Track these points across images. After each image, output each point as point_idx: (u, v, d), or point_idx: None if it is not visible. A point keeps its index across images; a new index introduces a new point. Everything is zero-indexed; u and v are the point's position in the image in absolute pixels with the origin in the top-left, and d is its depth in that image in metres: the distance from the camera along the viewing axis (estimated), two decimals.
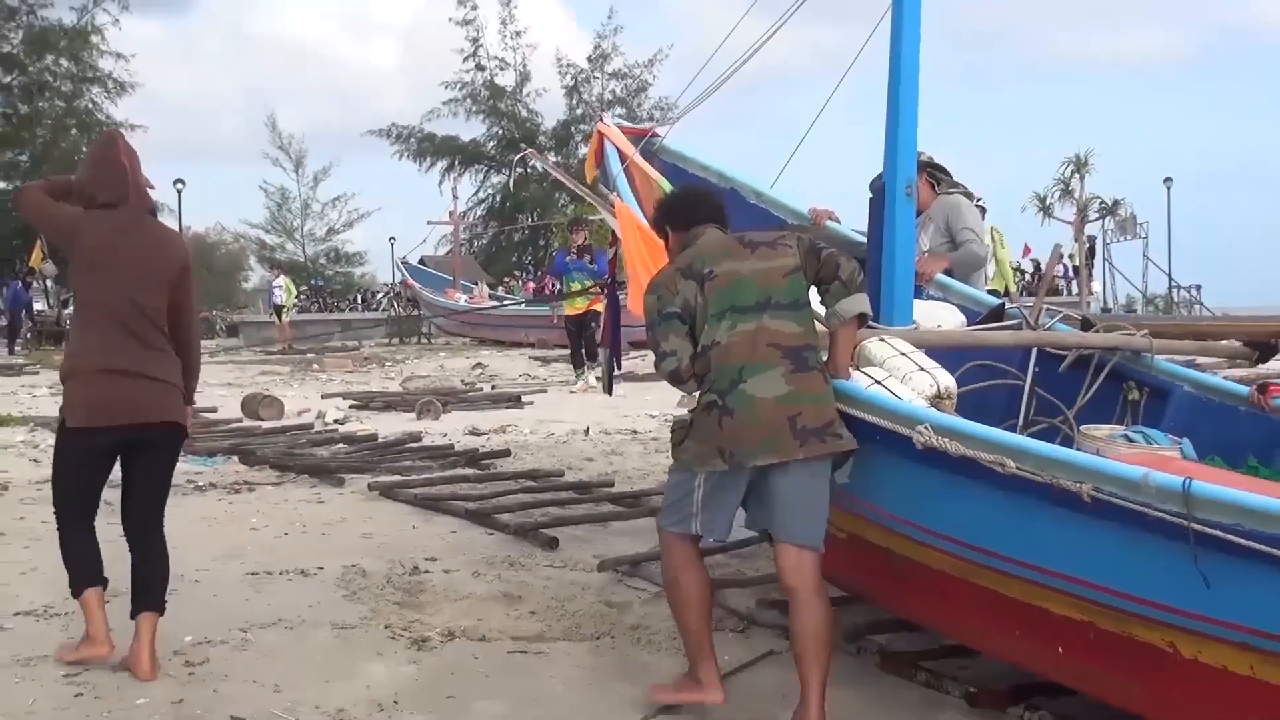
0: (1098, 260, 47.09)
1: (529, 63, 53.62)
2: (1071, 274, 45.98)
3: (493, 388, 19.23)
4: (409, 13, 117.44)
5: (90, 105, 51.10)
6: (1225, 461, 5.54)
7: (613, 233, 7.83)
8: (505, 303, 34.97)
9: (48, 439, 12.71)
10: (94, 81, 50.45)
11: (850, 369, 5.24)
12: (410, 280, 41.34)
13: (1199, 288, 48.83)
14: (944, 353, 6.07)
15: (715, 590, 5.46)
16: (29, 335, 35.41)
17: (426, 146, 54.62)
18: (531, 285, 44.30)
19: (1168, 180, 53.47)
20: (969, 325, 6.48)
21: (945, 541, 4.89)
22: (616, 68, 53.22)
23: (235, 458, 11.54)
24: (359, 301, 54.67)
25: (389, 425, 14.20)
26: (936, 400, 5.40)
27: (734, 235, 5.31)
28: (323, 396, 18.07)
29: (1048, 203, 48.40)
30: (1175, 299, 48.72)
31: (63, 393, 5.59)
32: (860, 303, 5.11)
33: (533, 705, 4.98)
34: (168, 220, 51.88)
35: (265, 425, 14.41)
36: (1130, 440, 5.54)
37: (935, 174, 7.66)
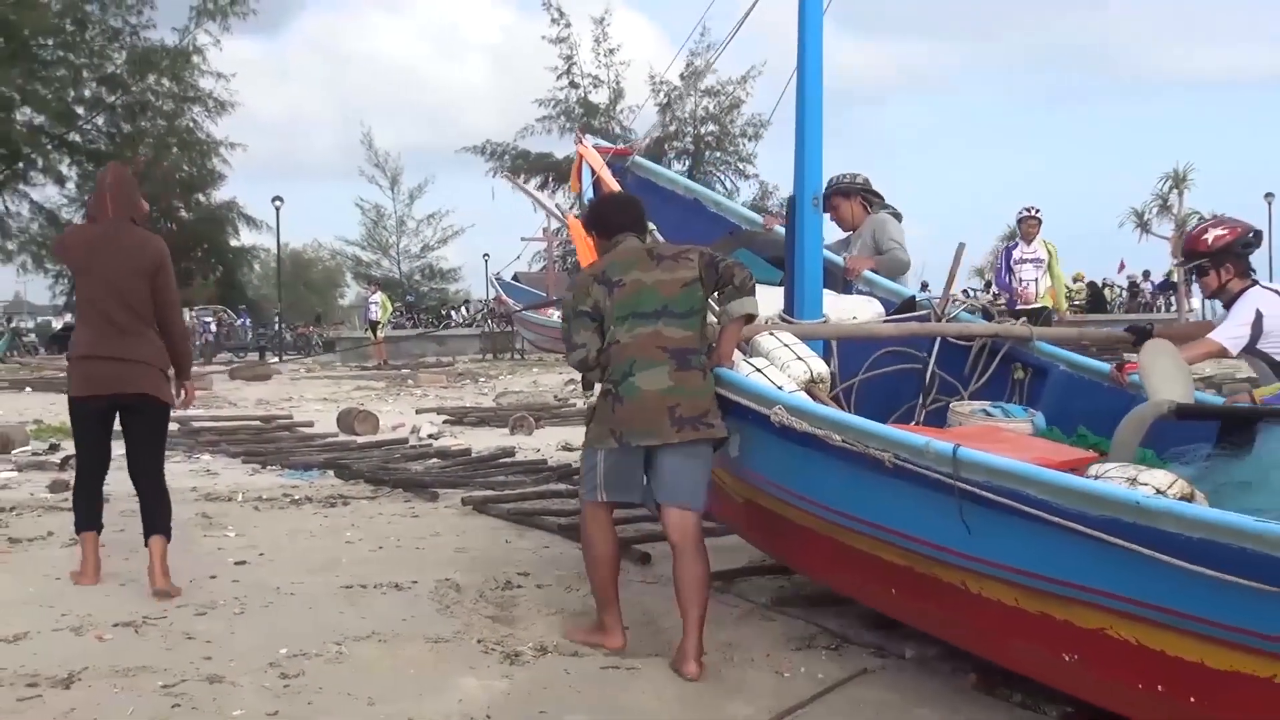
0: None
1: (622, 80, 53.53)
2: (1153, 289, 45.37)
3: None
4: (501, 32, 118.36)
5: (191, 124, 51.80)
6: (1062, 431, 6.46)
7: None
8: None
9: None
10: (195, 101, 51.11)
11: (733, 359, 6.23)
12: (505, 297, 41.51)
13: None
14: (863, 341, 7.42)
15: (813, 607, 6.28)
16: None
17: (520, 163, 54.68)
18: None
19: (1268, 195, 52.60)
20: (887, 316, 7.65)
21: (806, 503, 5.93)
22: (710, 84, 52.94)
23: (331, 472, 11.66)
24: (441, 317, 55.01)
25: (483, 440, 14.27)
26: (810, 384, 6.40)
27: (645, 247, 6.23)
28: (417, 412, 18.21)
29: (1145, 219, 47.77)
30: None
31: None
32: (747, 304, 6.02)
33: None
34: (265, 237, 52.64)
35: (360, 440, 14.53)
36: (989, 414, 6.62)
37: (869, 198, 8.79)
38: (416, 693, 5.18)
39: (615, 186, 8.36)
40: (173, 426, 14.92)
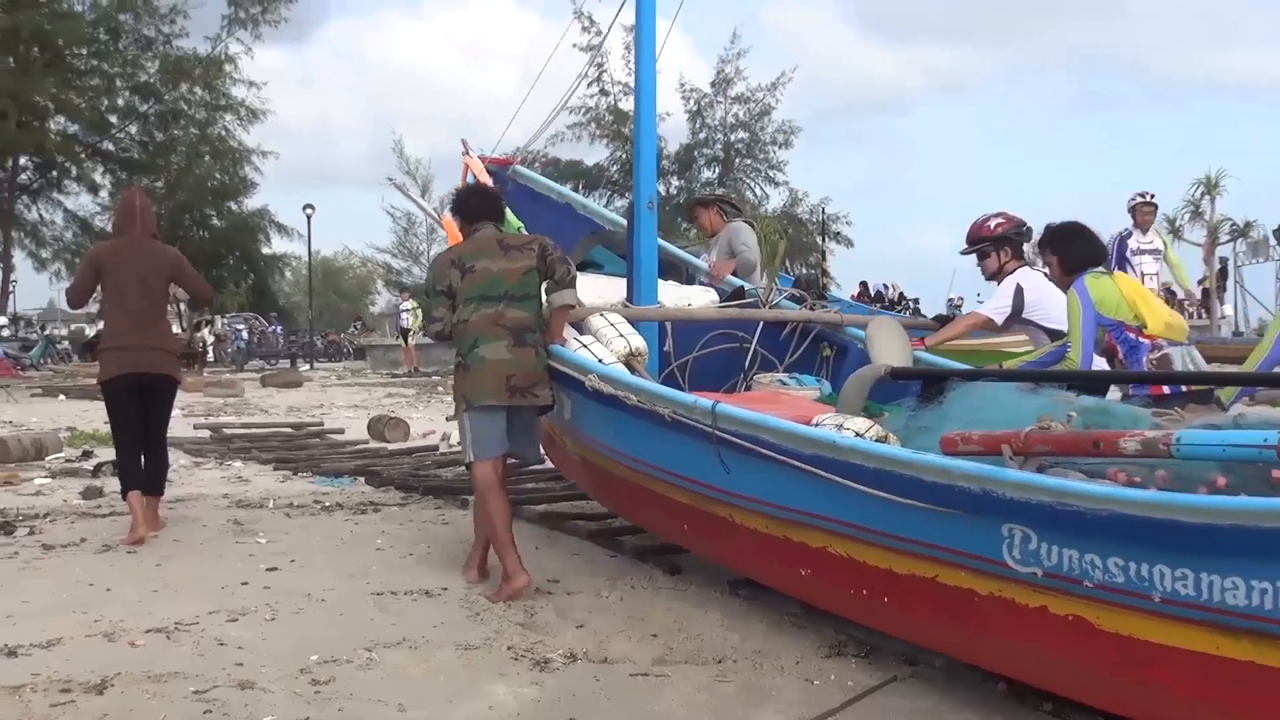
0: (1229, 283, 46.06)
1: None
2: (1199, 296, 45.02)
3: None
4: (528, 40, 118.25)
5: (223, 133, 52.04)
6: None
7: None
8: None
9: (180, 459, 12.94)
10: (227, 109, 51.35)
11: (565, 337, 7.51)
12: None
13: None
14: (697, 325, 8.97)
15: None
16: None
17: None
18: None
19: None
20: (720, 303, 9.16)
21: (618, 455, 7.32)
22: (739, 91, 52.76)
23: (361, 479, 11.68)
24: None
25: None
26: (629, 357, 7.61)
27: (497, 237, 7.45)
28: (447, 418, 18.21)
29: (1177, 225, 47.35)
30: None
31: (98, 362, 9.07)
32: (565, 297, 7.38)
33: None
34: (297, 244, 52.81)
35: (391, 447, 14.56)
36: (784, 384, 8.01)
37: (725, 207, 10.77)
38: (447, 699, 5.20)
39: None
40: (204, 434, 15.09)
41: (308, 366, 42.13)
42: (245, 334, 45.13)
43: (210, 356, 38.59)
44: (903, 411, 6.56)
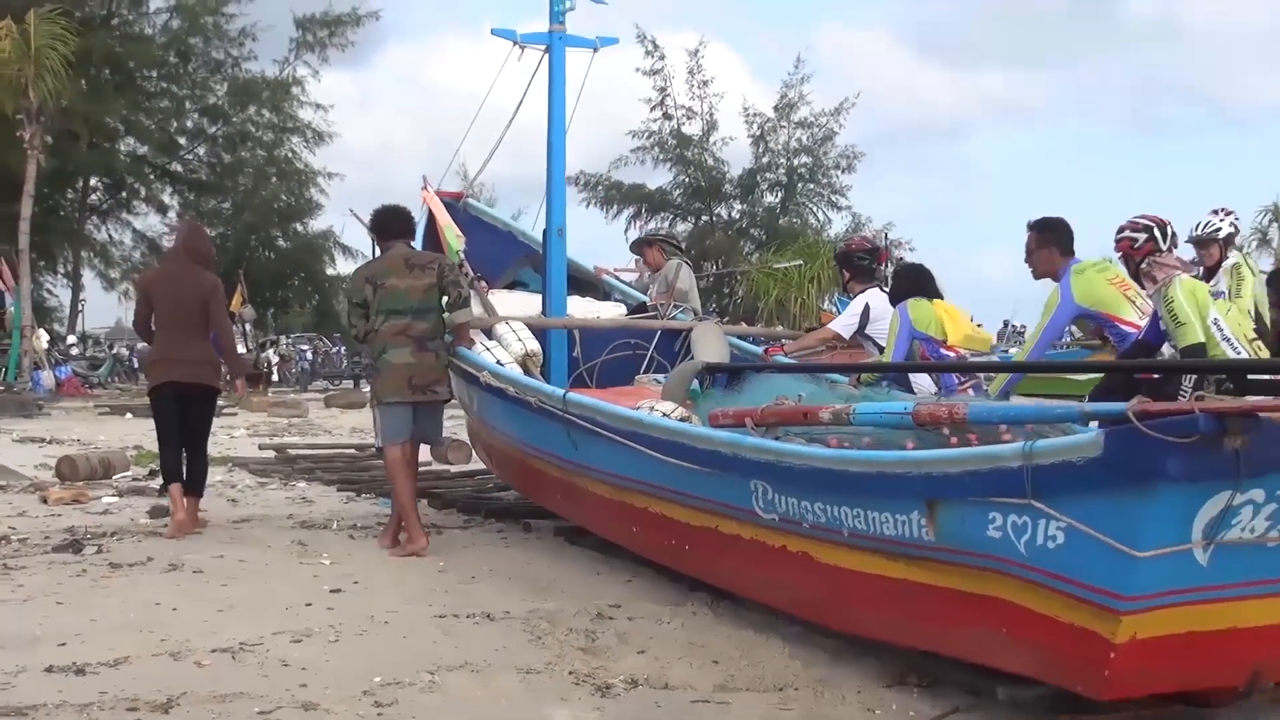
0: None
1: (715, 111, 52.95)
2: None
3: None
4: (583, 64, 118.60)
5: (290, 155, 52.49)
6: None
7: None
8: None
9: (245, 479, 13.06)
10: (294, 131, 51.79)
11: (471, 340, 9.22)
12: None
13: None
14: (608, 332, 10.58)
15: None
16: (228, 377, 35.94)
17: (613, 194, 54.29)
18: None
19: None
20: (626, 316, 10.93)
21: (509, 438, 9.13)
22: (803, 116, 52.36)
23: (424, 501, 11.69)
24: None
25: None
26: (525, 358, 9.35)
27: (404, 255, 9.00)
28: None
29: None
30: None
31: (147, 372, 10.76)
32: (461, 315, 9.10)
33: None
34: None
35: (453, 469, 14.53)
36: (659, 382, 9.17)
37: (666, 244, 12.78)
38: None
39: (447, 220, 10.88)
40: (269, 454, 15.20)
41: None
42: (309, 355, 45.35)
43: (275, 377, 38.80)
44: (717, 395, 8.07)
